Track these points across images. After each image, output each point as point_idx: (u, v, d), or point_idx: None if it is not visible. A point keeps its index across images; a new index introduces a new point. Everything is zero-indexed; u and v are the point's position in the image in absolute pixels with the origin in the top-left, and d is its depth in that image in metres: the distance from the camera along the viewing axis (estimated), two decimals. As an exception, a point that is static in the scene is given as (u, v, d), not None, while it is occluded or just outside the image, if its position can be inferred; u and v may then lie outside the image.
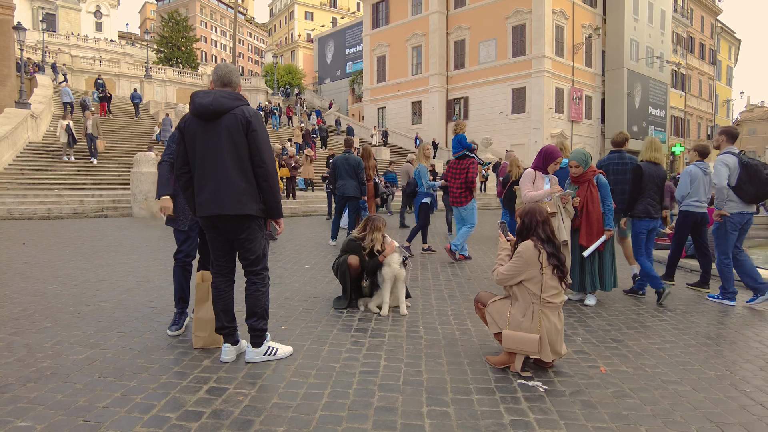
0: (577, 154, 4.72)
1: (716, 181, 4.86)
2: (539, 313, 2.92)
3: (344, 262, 4.31)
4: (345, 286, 4.37)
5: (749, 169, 4.79)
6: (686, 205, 5.49)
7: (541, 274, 2.92)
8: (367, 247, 4.31)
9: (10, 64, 19.38)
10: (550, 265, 2.94)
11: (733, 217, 4.88)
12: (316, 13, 63.77)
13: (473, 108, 31.56)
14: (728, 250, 4.98)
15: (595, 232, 4.60)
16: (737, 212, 4.88)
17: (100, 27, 59.66)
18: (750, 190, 4.80)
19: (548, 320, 2.92)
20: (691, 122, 42.89)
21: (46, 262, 6.15)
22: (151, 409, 2.40)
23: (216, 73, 2.97)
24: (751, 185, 4.79)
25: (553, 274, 2.95)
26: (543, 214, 3.08)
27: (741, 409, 2.58)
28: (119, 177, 15.61)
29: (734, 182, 4.82)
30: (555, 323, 2.94)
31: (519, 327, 2.94)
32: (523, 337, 2.90)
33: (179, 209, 3.50)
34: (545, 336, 2.89)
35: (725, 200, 4.85)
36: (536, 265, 2.92)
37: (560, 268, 2.97)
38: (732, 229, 4.93)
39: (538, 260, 2.92)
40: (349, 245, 4.40)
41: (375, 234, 4.31)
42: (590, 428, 2.32)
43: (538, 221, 3.04)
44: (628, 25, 31.81)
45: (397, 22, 34.90)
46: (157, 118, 23.64)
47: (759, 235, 17.00)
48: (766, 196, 4.86)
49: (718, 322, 4.29)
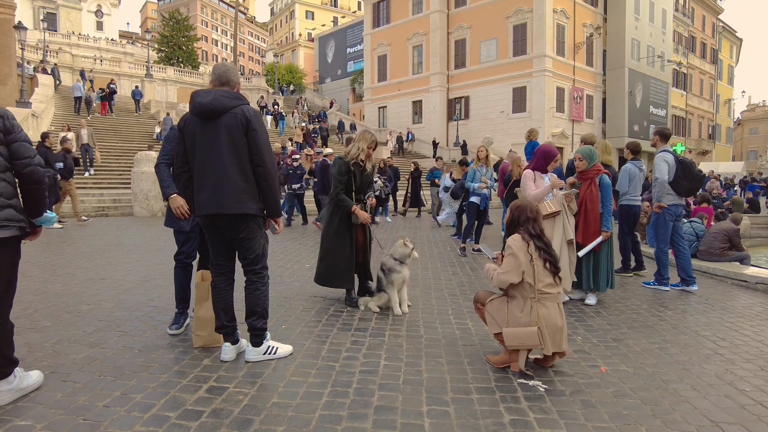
0: (583, 149, 4.75)
1: (658, 176, 5.32)
2: (537, 305, 2.92)
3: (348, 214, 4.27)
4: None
5: (684, 166, 5.37)
6: (626, 200, 6.04)
7: (532, 266, 2.93)
8: (352, 158, 4.29)
9: (11, 63, 19.39)
10: (541, 258, 2.96)
11: (670, 209, 5.42)
12: (316, 12, 63.78)
13: (474, 107, 31.54)
14: (668, 239, 5.51)
15: (591, 232, 4.59)
16: (673, 204, 5.43)
17: (101, 26, 59.67)
18: (685, 185, 5.37)
19: (546, 310, 2.91)
20: (692, 122, 42.82)
21: (47, 261, 6.15)
22: (150, 408, 2.40)
23: (214, 72, 2.97)
24: (685, 180, 5.35)
25: (544, 267, 2.96)
26: (533, 211, 3.10)
27: (741, 408, 2.57)
28: (120, 176, 15.61)
29: (671, 177, 5.32)
30: (554, 314, 2.93)
31: (518, 323, 2.94)
32: (523, 331, 2.90)
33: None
34: (544, 327, 2.89)
35: (664, 193, 5.38)
36: (526, 256, 2.94)
37: (552, 263, 2.98)
38: (670, 219, 5.46)
39: (528, 252, 2.95)
40: (337, 164, 4.33)
41: (360, 144, 4.29)
42: (590, 428, 2.32)
43: (528, 217, 3.07)
44: (629, 25, 31.77)
45: (398, 21, 34.87)
46: (158, 117, 23.67)
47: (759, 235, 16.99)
48: (697, 190, 5.55)
49: (717, 322, 4.28)
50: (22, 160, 2.34)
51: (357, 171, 4.34)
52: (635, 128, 32.25)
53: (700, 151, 43.30)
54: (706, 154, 44.14)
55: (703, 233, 7.29)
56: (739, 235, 7.33)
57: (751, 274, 5.94)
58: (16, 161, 2.34)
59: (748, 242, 12.64)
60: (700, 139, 44.09)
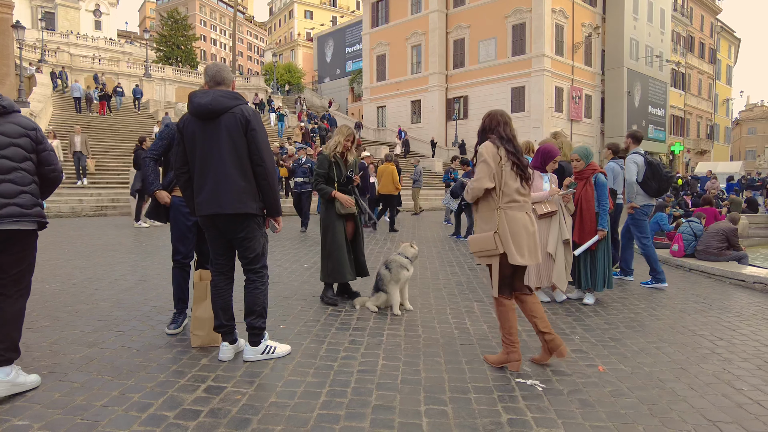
0: (579, 149, 4.76)
1: (627, 177, 5.60)
2: (500, 213, 2.91)
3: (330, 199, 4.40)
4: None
5: (653, 167, 5.56)
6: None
7: (500, 170, 2.92)
8: (330, 151, 4.44)
9: (9, 63, 19.35)
10: (509, 161, 2.95)
11: (642, 208, 5.65)
12: (315, 11, 63.70)
13: (473, 107, 31.52)
14: (647, 232, 5.74)
15: (587, 231, 4.60)
16: (644, 204, 5.66)
17: (100, 26, 59.53)
18: (653, 185, 5.57)
19: (511, 219, 2.90)
20: (690, 121, 42.87)
21: (45, 261, 6.14)
22: (148, 407, 2.40)
23: (207, 73, 2.96)
24: (654, 181, 5.55)
25: (512, 170, 2.95)
26: (504, 116, 3.11)
27: (738, 407, 2.58)
28: (118, 176, 15.60)
29: (641, 178, 5.56)
30: (523, 220, 2.92)
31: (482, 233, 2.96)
32: (481, 236, 2.93)
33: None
34: (506, 233, 2.87)
35: (635, 194, 5.61)
36: (496, 160, 2.93)
37: (520, 167, 2.97)
38: (642, 217, 5.70)
39: (498, 154, 2.94)
40: (318, 158, 4.52)
41: (338, 138, 4.46)
42: (588, 427, 2.32)
43: (499, 121, 3.06)
44: (627, 24, 31.79)
45: (397, 20, 34.84)
46: (156, 116, 23.64)
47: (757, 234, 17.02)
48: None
49: (715, 321, 4.29)
50: (49, 166, 2.73)
51: (340, 163, 4.49)
52: (634, 128, 32.10)
53: (698, 151, 43.37)
54: (705, 153, 44.19)
55: (701, 233, 7.30)
56: (737, 234, 7.34)
57: (748, 274, 5.96)
58: (45, 167, 2.72)
59: (746, 242, 12.67)
60: (699, 139, 44.15)
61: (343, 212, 4.40)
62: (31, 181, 2.60)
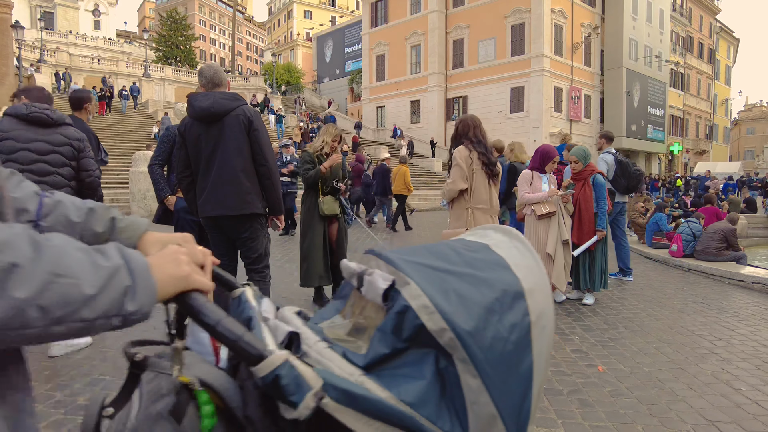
0: (577, 150, 4.77)
1: None
2: (471, 211, 3.10)
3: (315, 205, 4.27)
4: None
5: (622, 166, 5.73)
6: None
7: (472, 173, 3.10)
8: (315, 150, 4.34)
9: (8, 62, 19.34)
10: (480, 161, 3.12)
11: (615, 205, 5.77)
12: (314, 11, 63.70)
13: (472, 107, 31.50)
14: (623, 229, 5.94)
15: (585, 231, 4.61)
16: (616, 201, 5.81)
17: (99, 25, 59.44)
18: (623, 183, 5.74)
19: (479, 219, 3.09)
20: (689, 121, 42.93)
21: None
22: (150, 407, 2.40)
23: (204, 75, 2.93)
24: (623, 178, 5.72)
25: (482, 170, 3.12)
26: (476, 120, 3.28)
27: (737, 407, 2.59)
28: (118, 176, 15.58)
29: (611, 176, 5.70)
30: (488, 222, 3.07)
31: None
32: (452, 233, 3.05)
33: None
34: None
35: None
36: (468, 162, 3.11)
37: (488, 165, 3.15)
38: (619, 215, 5.90)
39: (470, 157, 3.12)
40: (302, 156, 4.49)
41: (324, 137, 4.37)
42: (587, 427, 2.34)
43: (470, 126, 3.23)
44: (627, 25, 31.82)
45: (397, 20, 34.84)
46: (155, 116, 23.63)
47: (756, 234, 17.05)
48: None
49: (713, 322, 4.31)
50: (87, 171, 2.94)
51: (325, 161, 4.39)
52: (633, 128, 32.32)
53: (697, 151, 43.42)
54: (704, 154, 44.25)
55: (700, 233, 7.31)
56: (736, 235, 7.35)
57: (747, 274, 5.97)
58: (83, 172, 2.94)
59: (745, 242, 12.69)
60: (698, 139, 44.20)
61: (327, 213, 4.22)
62: (65, 185, 2.77)
